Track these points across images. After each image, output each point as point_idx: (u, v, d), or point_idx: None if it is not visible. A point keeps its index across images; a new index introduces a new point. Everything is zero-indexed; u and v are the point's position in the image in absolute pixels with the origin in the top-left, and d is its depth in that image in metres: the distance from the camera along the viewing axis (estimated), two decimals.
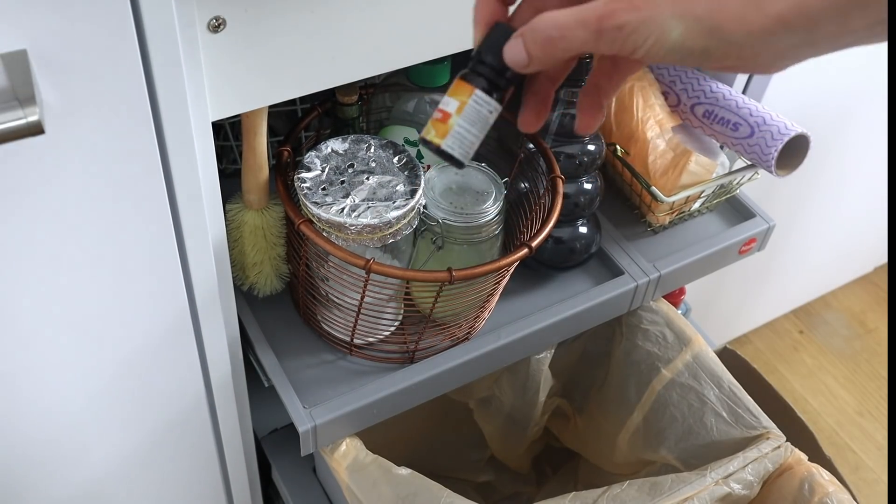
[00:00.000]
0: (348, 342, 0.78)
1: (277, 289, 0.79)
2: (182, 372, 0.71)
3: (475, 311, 0.78)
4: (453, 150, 0.43)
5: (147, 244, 0.59)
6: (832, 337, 1.74)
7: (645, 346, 0.91)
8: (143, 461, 0.76)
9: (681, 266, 0.88)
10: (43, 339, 0.60)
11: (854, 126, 1.28)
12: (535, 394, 0.93)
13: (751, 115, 0.84)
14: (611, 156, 0.88)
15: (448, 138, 0.43)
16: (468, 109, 0.43)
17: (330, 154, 0.72)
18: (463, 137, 0.43)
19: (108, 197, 0.55)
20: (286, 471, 0.94)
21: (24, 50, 0.45)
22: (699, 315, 1.35)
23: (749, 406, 0.85)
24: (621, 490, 0.78)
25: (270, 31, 0.56)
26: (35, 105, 0.44)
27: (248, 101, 0.60)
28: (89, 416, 0.68)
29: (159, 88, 0.52)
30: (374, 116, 0.81)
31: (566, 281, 0.87)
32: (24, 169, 0.51)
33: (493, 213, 0.74)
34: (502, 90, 0.43)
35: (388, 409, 0.77)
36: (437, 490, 0.76)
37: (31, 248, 0.55)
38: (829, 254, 1.63)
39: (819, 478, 0.80)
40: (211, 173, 0.60)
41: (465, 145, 0.43)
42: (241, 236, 0.74)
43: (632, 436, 0.94)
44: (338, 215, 0.67)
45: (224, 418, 0.77)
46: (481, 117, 0.43)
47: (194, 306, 0.66)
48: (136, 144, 0.53)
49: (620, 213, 0.93)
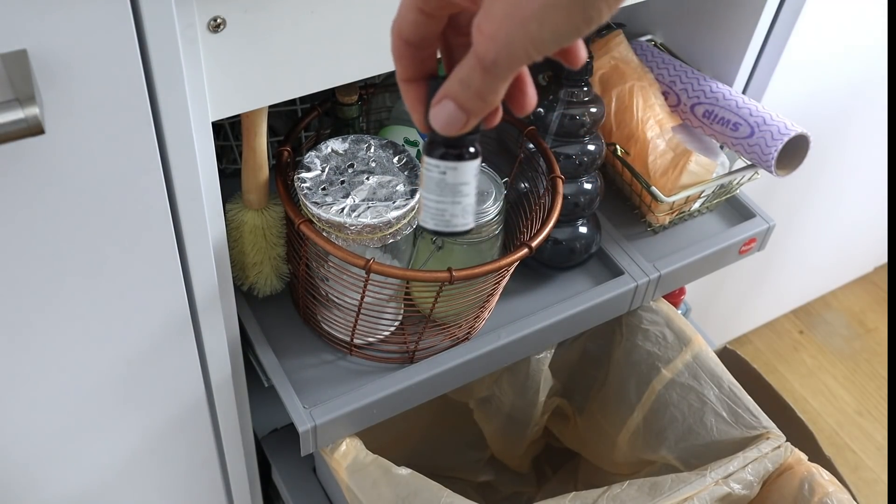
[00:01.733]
0: (348, 342, 0.78)
1: (277, 289, 0.79)
2: (182, 372, 0.71)
3: (475, 311, 0.78)
4: (426, 223, 0.42)
5: (147, 244, 0.59)
6: (832, 337, 1.74)
7: (645, 346, 0.91)
8: (143, 461, 0.76)
9: (681, 266, 0.88)
10: (43, 338, 0.60)
11: (854, 126, 1.28)
12: (535, 394, 0.93)
13: (751, 115, 0.84)
14: (611, 156, 0.88)
15: (420, 215, 0.43)
16: (423, 180, 0.42)
17: (330, 154, 0.72)
18: (428, 207, 0.42)
19: (108, 197, 0.55)
20: (286, 471, 0.94)
21: (24, 50, 0.45)
22: (699, 315, 1.35)
23: (749, 406, 0.85)
24: (621, 490, 0.78)
25: (270, 31, 0.56)
26: (35, 105, 0.44)
27: (248, 101, 0.60)
28: (89, 415, 0.68)
29: (159, 88, 0.52)
30: (374, 116, 0.82)
31: (566, 281, 0.87)
32: (24, 169, 0.51)
33: (493, 213, 0.74)
34: (446, 146, 0.41)
35: (388, 409, 0.77)
36: (437, 490, 0.76)
37: (30, 248, 0.55)
38: (829, 254, 1.63)
39: (819, 478, 0.80)
40: (211, 173, 0.60)
41: (435, 214, 0.42)
42: (241, 236, 0.74)
43: (632, 436, 0.94)
44: (338, 215, 0.67)
45: (224, 418, 0.77)
46: (434, 181, 0.41)
47: (194, 306, 0.66)
48: (136, 144, 0.53)
49: (620, 213, 0.93)
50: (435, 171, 0.41)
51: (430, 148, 0.41)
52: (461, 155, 0.41)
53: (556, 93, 0.80)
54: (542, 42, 0.36)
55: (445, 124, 0.39)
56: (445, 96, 0.39)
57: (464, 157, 0.41)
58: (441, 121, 0.40)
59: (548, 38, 0.35)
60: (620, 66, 0.91)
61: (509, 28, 0.35)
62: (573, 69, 0.41)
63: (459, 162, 0.41)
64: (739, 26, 0.91)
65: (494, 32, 0.36)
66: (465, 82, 0.38)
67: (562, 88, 0.80)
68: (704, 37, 0.96)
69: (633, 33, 1.01)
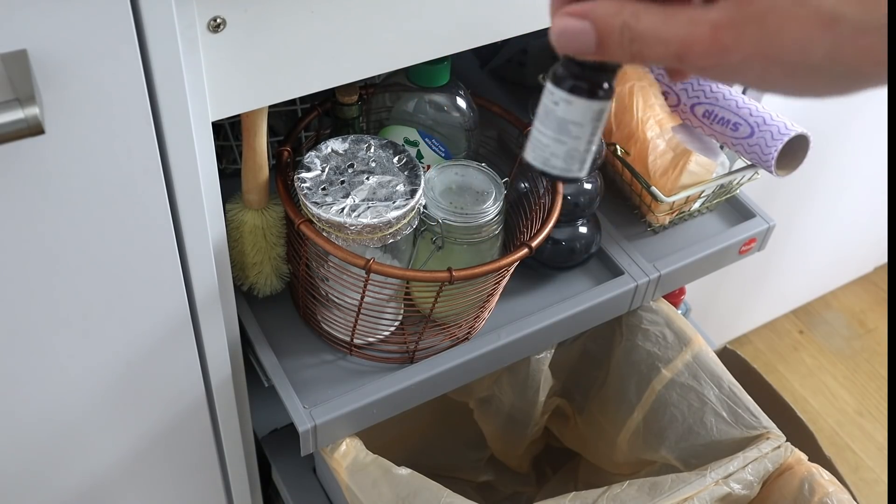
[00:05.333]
0: (348, 342, 0.78)
1: (277, 289, 0.79)
2: (182, 372, 0.71)
3: (475, 311, 0.78)
4: (526, 154, 0.38)
5: (147, 244, 0.59)
6: (832, 337, 1.74)
7: (645, 346, 0.91)
8: (143, 461, 0.76)
9: (681, 266, 0.88)
10: (42, 339, 0.60)
11: (854, 126, 1.28)
12: (535, 394, 0.93)
13: (751, 115, 0.84)
14: (611, 156, 0.88)
15: (525, 149, 0.38)
16: (538, 107, 0.37)
17: (330, 154, 0.72)
18: (536, 141, 0.37)
19: (108, 197, 0.55)
20: (286, 471, 0.94)
21: (24, 50, 0.45)
22: (699, 315, 1.35)
23: (749, 406, 0.85)
24: (621, 490, 0.78)
25: (270, 31, 0.56)
26: (35, 105, 0.44)
27: (248, 101, 0.60)
28: (89, 416, 0.68)
29: (159, 88, 0.52)
30: (374, 116, 0.81)
31: (566, 281, 0.87)
32: (24, 169, 0.51)
33: (493, 213, 0.74)
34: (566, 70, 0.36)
35: (388, 409, 0.77)
36: (437, 490, 0.76)
37: (30, 248, 0.55)
38: (829, 254, 1.63)
39: (819, 478, 0.80)
40: (211, 173, 0.60)
41: (537, 148, 0.37)
42: (241, 236, 0.74)
43: (632, 436, 0.94)
44: (338, 215, 0.67)
45: (224, 418, 0.77)
46: (547, 111, 0.37)
47: (194, 306, 0.66)
48: (136, 144, 0.53)
49: (620, 213, 0.93)
50: (548, 98, 0.37)
51: (553, 68, 0.36)
52: (576, 88, 0.36)
53: None
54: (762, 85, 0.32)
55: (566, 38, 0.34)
56: (586, 17, 0.34)
57: (579, 91, 0.36)
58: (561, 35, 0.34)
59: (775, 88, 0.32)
60: None
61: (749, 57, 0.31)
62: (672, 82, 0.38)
63: (572, 96, 0.36)
64: None
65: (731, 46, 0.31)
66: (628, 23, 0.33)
67: None
68: None
69: None
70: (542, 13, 0.69)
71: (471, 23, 0.65)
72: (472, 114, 0.80)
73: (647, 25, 0.33)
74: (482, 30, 0.67)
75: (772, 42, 0.30)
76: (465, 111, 0.79)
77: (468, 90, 0.80)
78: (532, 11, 0.68)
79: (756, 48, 0.31)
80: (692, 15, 0.32)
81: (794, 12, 0.30)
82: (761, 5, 0.30)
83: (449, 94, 0.78)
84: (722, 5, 0.31)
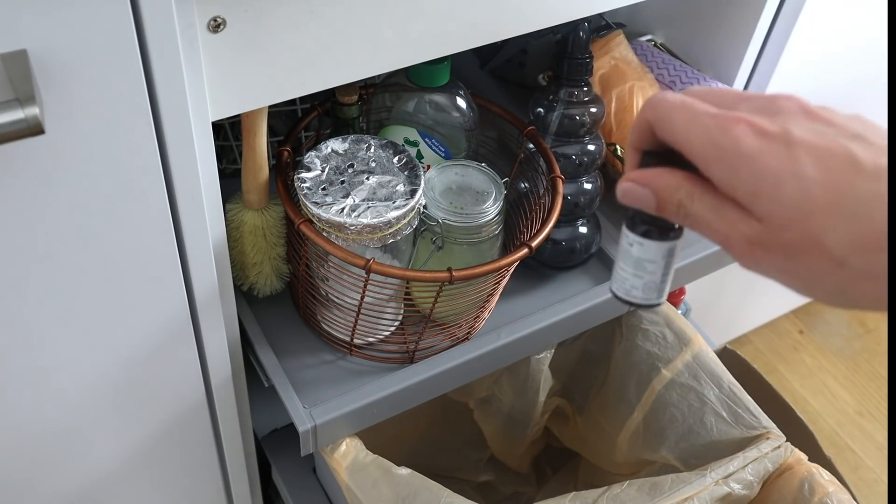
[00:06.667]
0: (348, 342, 0.78)
1: (277, 289, 0.79)
2: (182, 372, 0.70)
3: (475, 311, 0.78)
4: (613, 288, 0.45)
5: (147, 244, 0.59)
6: (832, 337, 1.74)
7: (645, 346, 0.91)
8: (143, 461, 0.76)
9: (681, 266, 0.88)
10: (42, 339, 0.60)
11: None
12: (535, 394, 0.93)
13: None
14: (611, 156, 0.88)
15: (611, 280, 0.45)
16: (619, 246, 0.45)
17: (330, 154, 0.72)
18: (618, 275, 0.44)
19: (107, 197, 0.55)
20: (286, 471, 0.94)
21: (24, 50, 0.45)
22: (699, 315, 1.35)
23: (749, 406, 0.85)
24: (621, 490, 0.78)
25: (270, 31, 0.56)
26: (35, 105, 0.44)
27: (248, 101, 0.60)
28: (89, 416, 0.68)
29: (159, 88, 0.52)
30: (374, 116, 0.81)
31: (566, 281, 0.87)
32: (24, 169, 0.51)
33: (493, 213, 0.74)
34: (638, 216, 0.43)
35: (388, 409, 0.77)
36: (437, 490, 0.76)
37: (30, 248, 0.55)
38: None
39: (819, 478, 0.80)
40: (211, 173, 0.60)
41: (619, 281, 0.44)
42: (241, 236, 0.74)
43: (632, 436, 0.94)
44: (338, 215, 0.67)
45: (224, 418, 0.77)
46: (625, 251, 0.44)
47: (194, 306, 0.66)
48: (136, 144, 0.53)
49: (620, 213, 0.93)
50: (624, 240, 0.44)
51: (628, 213, 0.43)
52: (648, 232, 0.43)
53: (556, 93, 0.80)
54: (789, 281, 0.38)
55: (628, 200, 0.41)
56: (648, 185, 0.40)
57: (650, 235, 0.43)
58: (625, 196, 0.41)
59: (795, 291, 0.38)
60: (620, 66, 0.91)
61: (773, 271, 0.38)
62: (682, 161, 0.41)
63: (644, 239, 0.43)
64: (739, 26, 0.91)
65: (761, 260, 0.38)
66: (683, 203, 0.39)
67: (562, 88, 0.80)
68: (704, 37, 0.96)
69: (633, 33, 1.01)
70: (543, 13, 0.69)
71: (471, 23, 0.65)
72: (472, 114, 0.80)
73: (699, 211, 0.39)
74: (482, 30, 0.67)
75: (792, 268, 0.37)
76: (465, 111, 0.79)
77: (468, 90, 0.80)
78: (532, 11, 0.68)
79: (780, 269, 0.37)
80: (735, 219, 0.38)
81: (812, 251, 0.36)
82: (790, 237, 0.36)
83: (449, 94, 0.78)
84: (760, 226, 0.37)
